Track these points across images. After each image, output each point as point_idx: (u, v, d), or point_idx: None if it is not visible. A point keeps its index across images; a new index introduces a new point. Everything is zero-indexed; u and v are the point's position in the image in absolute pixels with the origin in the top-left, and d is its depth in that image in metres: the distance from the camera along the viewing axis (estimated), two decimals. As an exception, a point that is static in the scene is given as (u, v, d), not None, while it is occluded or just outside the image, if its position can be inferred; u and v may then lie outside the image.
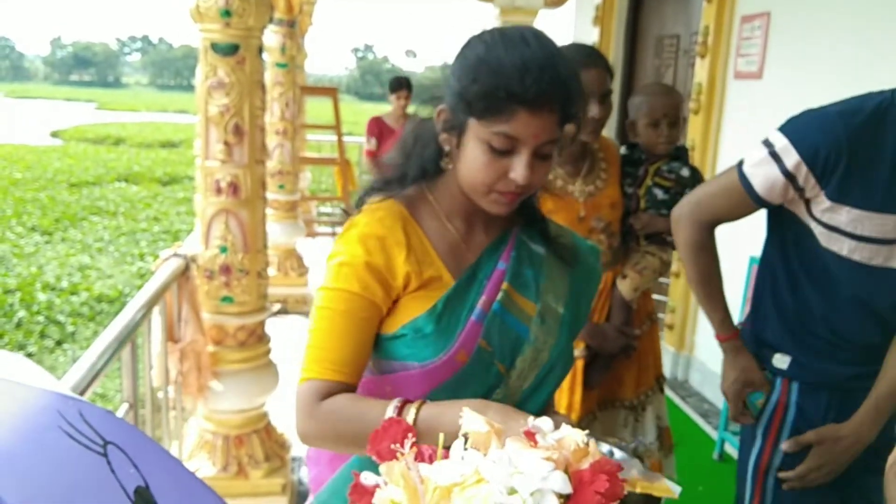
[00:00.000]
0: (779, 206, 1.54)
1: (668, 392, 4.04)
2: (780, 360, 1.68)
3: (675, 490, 1.16)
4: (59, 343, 5.53)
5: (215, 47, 2.29)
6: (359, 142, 7.84)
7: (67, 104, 41.63)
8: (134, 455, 0.62)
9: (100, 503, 0.56)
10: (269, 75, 4.83)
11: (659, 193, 2.16)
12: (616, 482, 0.56)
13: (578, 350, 2.02)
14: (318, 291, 1.13)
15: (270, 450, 2.54)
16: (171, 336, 2.25)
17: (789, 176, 1.44)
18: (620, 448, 1.19)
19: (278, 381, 2.57)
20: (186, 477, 0.68)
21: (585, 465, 0.57)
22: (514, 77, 1.00)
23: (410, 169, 1.18)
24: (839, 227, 1.44)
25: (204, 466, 2.45)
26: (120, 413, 1.75)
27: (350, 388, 1.08)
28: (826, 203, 1.43)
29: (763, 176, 1.48)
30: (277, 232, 4.97)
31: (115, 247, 8.39)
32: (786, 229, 1.56)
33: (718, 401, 3.74)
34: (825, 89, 1.96)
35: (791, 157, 1.43)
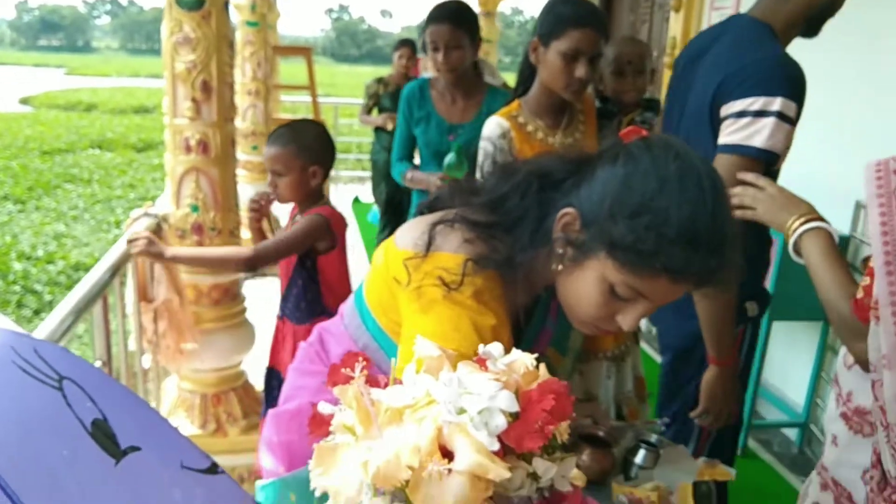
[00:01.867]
0: None
1: (644, 345, 4.09)
2: (751, 308, 1.74)
3: (731, 473, 1.23)
4: (36, 312, 5.49)
5: (180, 2, 2.24)
6: (334, 103, 7.76)
7: (36, 70, 40.67)
8: (91, 390, 0.63)
9: (55, 435, 0.57)
10: (240, 34, 4.75)
11: None
12: (564, 401, 0.58)
13: None
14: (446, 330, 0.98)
15: (248, 407, 2.55)
16: (143, 296, 2.25)
17: (794, 124, 1.50)
18: (660, 439, 1.24)
19: (254, 339, 2.58)
20: (146, 411, 0.68)
21: (534, 386, 0.59)
22: (679, 252, 0.89)
23: (521, 258, 1.02)
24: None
25: (182, 425, 2.47)
26: (93, 370, 1.76)
27: None
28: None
29: (782, 138, 1.49)
30: (251, 193, 4.92)
31: (91, 214, 8.28)
32: None
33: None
34: (792, 50, 1.96)
35: (791, 108, 1.48)
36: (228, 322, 2.47)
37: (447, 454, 0.54)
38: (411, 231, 1.09)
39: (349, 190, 8.36)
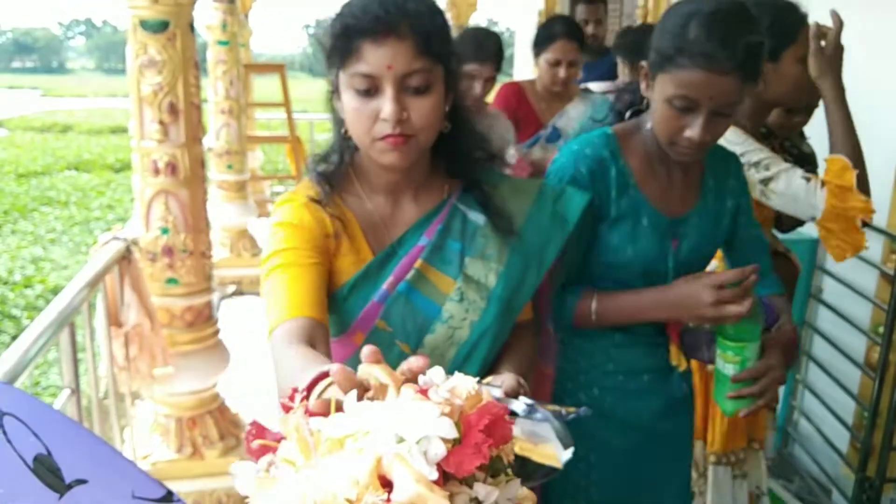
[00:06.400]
0: None
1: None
2: None
3: (560, 459, 0.97)
4: (14, 338, 5.39)
5: (144, 24, 2.25)
6: (311, 118, 7.75)
7: (10, 92, 40.25)
8: (35, 424, 0.62)
9: (-6, 473, 0.57)
10: (211, 54, 4.75)
11: None
12: (502, 424, 0.58)
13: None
14: (263, 265, 1.11)
15: (225, 429, 2.54)
16: (114, 321, 2.23)
17: None
18: (556, 415, 1.09)
19: (229, 361, 2.56)
20: (95, 443, 0.68)
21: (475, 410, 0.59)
22: (349, 13, 1.01)
23: (334, 150, 1.17)
24: None
25: (158, 450, 2.45)
26: (61, 398, 1.74)
27: (319, 323, 1.03)
28: None
29: None
30: (229, 212, 4.93)
31: (69, 237, 8.21)
32: None
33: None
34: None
35: None
36: (202, 344, 2.46)
37: (388, 484, 0.54)
38: None
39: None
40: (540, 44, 2.65)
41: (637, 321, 1.39)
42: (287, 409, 0.63)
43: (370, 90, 1.03)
